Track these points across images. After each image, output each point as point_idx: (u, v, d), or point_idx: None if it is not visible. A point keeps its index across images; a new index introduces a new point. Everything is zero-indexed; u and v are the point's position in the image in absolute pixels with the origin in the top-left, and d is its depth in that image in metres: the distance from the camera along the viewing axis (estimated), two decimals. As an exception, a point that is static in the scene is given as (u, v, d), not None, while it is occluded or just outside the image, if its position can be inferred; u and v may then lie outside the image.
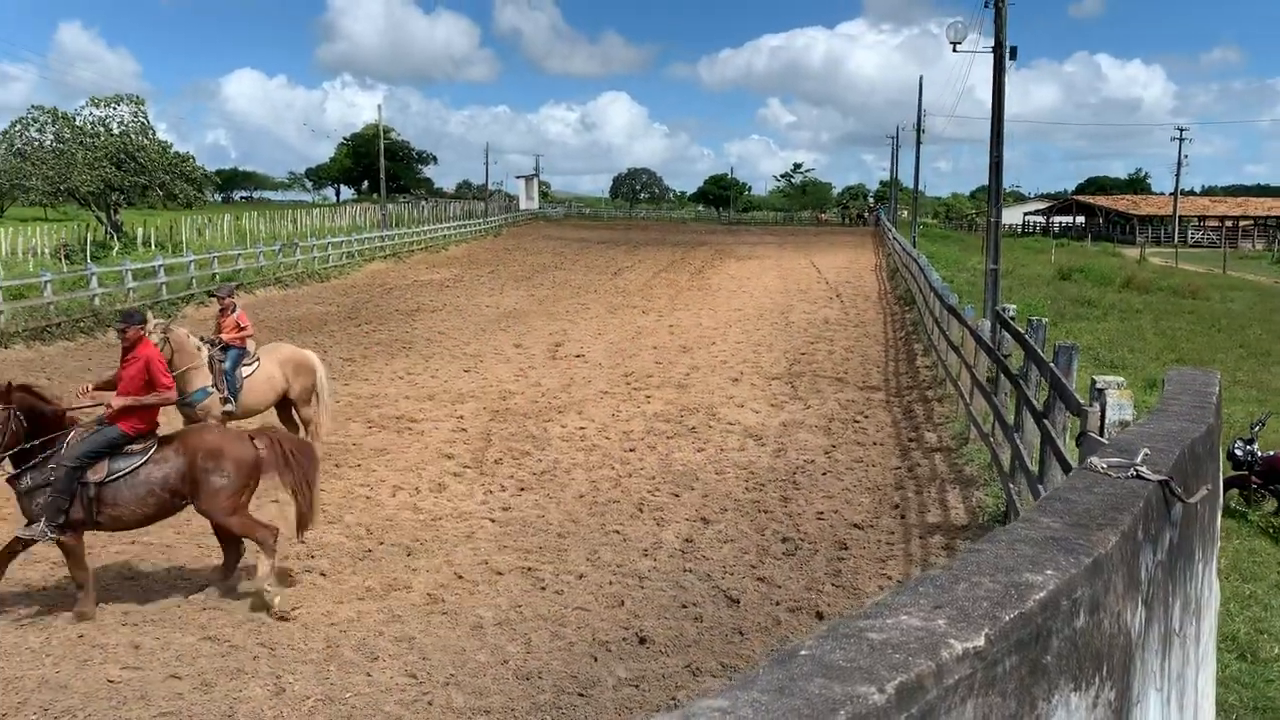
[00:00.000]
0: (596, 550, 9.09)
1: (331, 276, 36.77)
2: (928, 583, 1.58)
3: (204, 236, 49.46)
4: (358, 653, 7.07)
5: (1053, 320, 22.46)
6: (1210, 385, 3.55)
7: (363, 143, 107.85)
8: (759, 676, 1.29)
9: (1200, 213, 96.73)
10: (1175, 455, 2.46)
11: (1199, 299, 34.50)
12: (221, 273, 30.91)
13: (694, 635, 7.34)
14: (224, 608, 7.87)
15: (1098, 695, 1.78)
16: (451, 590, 8.19)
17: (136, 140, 47.96)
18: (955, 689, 1.34)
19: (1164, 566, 2.29)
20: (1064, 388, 7.52)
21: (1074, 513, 1.97)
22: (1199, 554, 2.88)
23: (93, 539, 9.37)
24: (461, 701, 6.42)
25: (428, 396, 15.82)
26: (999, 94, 20.17)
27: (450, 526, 9.77)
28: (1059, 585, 1.61)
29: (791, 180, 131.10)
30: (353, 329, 23.88)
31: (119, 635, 7.38)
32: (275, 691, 6.53)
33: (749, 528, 9.72)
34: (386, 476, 11.41)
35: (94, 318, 23.29)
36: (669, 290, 33.06)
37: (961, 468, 11.59)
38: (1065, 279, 39.13)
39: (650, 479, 11.37)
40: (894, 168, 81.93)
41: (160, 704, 6.39)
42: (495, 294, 31.71)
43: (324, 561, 8.82)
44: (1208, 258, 63.99)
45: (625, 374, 17.72)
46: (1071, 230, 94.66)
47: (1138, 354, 20.12)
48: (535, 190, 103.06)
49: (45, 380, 16.99)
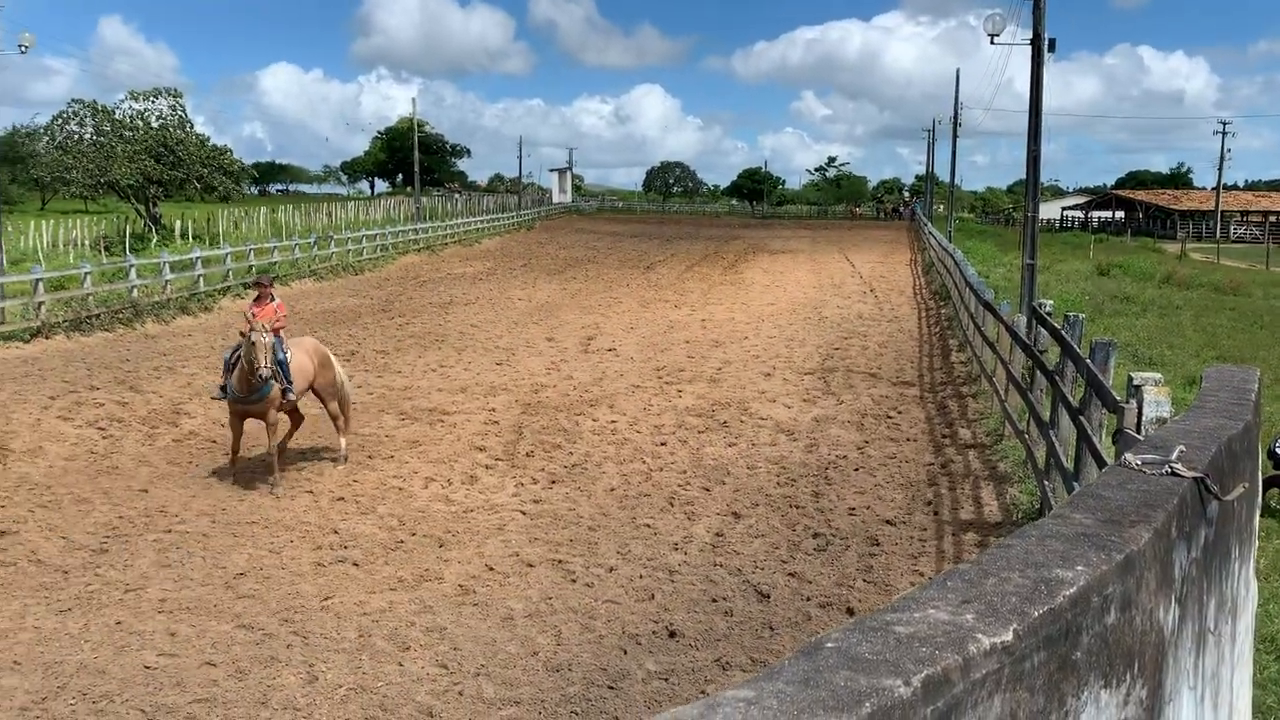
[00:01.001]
0: (627, 544, 9.11)
1: (365, 269, 37.05)
2: (956, 577, 1.57)
3: (240, 229, 49.96)
4: (389, 642, 7.13)
5: (1090, 316, 22.19)
6: (1249, 382, 3.50)
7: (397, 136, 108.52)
8: (784, 668, 1.29)
9: (1243, 208, 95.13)
10: (1211, 452, 2.42)
11: (1240, 295, 33.93)
12: (257, 265, 31.26)
13: (724, 630, 7.34)
14: (258, 596, 7.97)
15: (1129, 693, 1.76)
16: (482, 582, 8.24)
17: (175, 133, 48.53)
18: (982, 684, 1.33)
19: (1199, 564, 2.26)
20: (1100, 384, 7.43)
21: (1106, 509, 1.94)
22: (1235, 553, 2.84)
23: (130, 527, 9.53)
24: (492, 692, 6.46)
25: (460, 389, 15.91)
26: (1037, 87, 19.93)
27: (482, 518, 9.83)
28: (1089, 581, 1.59)
29: (825, 174, 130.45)
30: (386, 322, 24.04)
31: (155, 622, 7.49)
32: (308, 680, 6.61)
33: (780, 523, 9.70)
34: (419, 468, 11.49)
35: (132, 309, 23.60)
36: (701, 284, 33.00)
37: (996, 464, 11.49)
38: (1104, 275, 38.61)
39: (681, 473, 11.37)
40: (930, 161, 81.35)
41: (195, 690, 6.49)
42: (528, 287, 31.80)
43: (356, 552, 8.90)
44: (1250, 254, 62.94)
45: (657, 368, 17.73)
46: (1111, 225, 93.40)
47: (1177, 350, 19.82)
48: (568, 183, 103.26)
49: (85, 371, 17.25)
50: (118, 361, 18.31)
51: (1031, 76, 19.97)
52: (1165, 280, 37.04)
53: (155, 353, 19.45)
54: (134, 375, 16.94)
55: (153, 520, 9.75)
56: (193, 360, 18.51)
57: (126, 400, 14.97)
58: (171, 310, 24.75)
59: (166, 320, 23.94)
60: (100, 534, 9.35)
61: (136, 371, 17.29)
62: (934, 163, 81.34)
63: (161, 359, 18.68)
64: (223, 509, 10.10)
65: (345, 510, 10.08)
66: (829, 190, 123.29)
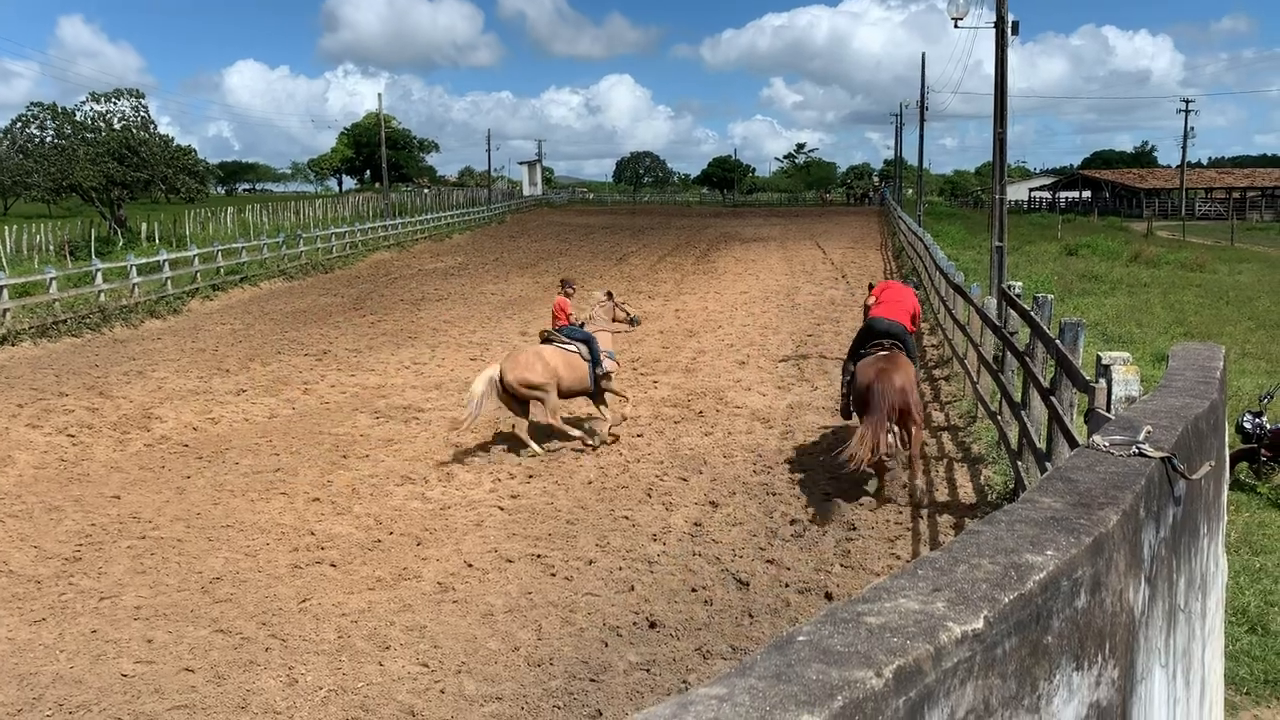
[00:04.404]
0: (606, 536, 9.11)
1: (335, 267, 36.81)
2: (927, 565, 1.58)
3: (207, 230, 49.48)
4: (369, 642, 7.11)
5: (1059, 296, 22.38)
6: (1214, 360, 3.53)
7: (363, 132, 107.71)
8: (757, 662, 1.29)
9: (1207, 185, 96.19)
10: (1178, 432, 2.44)
11: (1206, 272, 34.31)
12: (226, 265, 30.97)
13: (704, 618, 7.36)
14: (236, 600, 7.92)
15: (1100, 674, 1.78)
16: (462, 579, 8.22)
17: (138, 135, 48.00)
18: (954, 672, 1.33)
19: (1168, 543, 2.28)
20: (1070, 365, 7.49)
21: (1075, 492, 1.96)
22: (1204, 529, 2.87)
23: (103, 534, 9.43)
24: (473, 689, 6.45)
25: (434, 386, 15.85)
26: (1001, 69, 20.05)
27: (459, 515, 9.80)
28: (1059, 565, 1.60)
29: (795, 161, 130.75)
30: (358, 319, 23.91)
31: (132, 630, 7.42)
32: (288, 683, 6.57)
33: (757, 510, 9.73)
34: (395, 467, 11.44)
35: (99, 313, 23.34)
36: (674, 274, 33.01)
37: (969, 446, 11.58)
38: (1072, 255, 38.95)
39: (658, 464, 11.38)
40: (898, 146, 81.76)
41: (174, 697, 6.44)
42: (500, 281, 31.70)
43: (334, 552, 8.85)
44: (1215, 230, 63.62)
45: (632, 359, 17.72)
46: (1078, 205, 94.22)
47: (1146, 328, 20.03)
48: (538, 176, 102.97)
49: (54, 378, 17.05)
50: (86, 367, 18.11)
51: (996, 59, 20.10)
52: (1132, 259, 37.41)
53: (124, 357, 19.25)
54: (103, 380, 16.76)
55: (126, 527, 9.67)
56: (163, 364, 18.34)
57: (96, 406, 14.82)
58: (139, 314, 24.50)
59: (135, 324, 23.70)
60: (73, 542, 9.25)
61: (106, 377, 17.11)
62: (902, 147, 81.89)
63: (131, 363, 18.49)
64: (197, 513, 10.02)
65: (321, 511, 10.02)
66: (799, 177, 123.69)
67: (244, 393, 15.69)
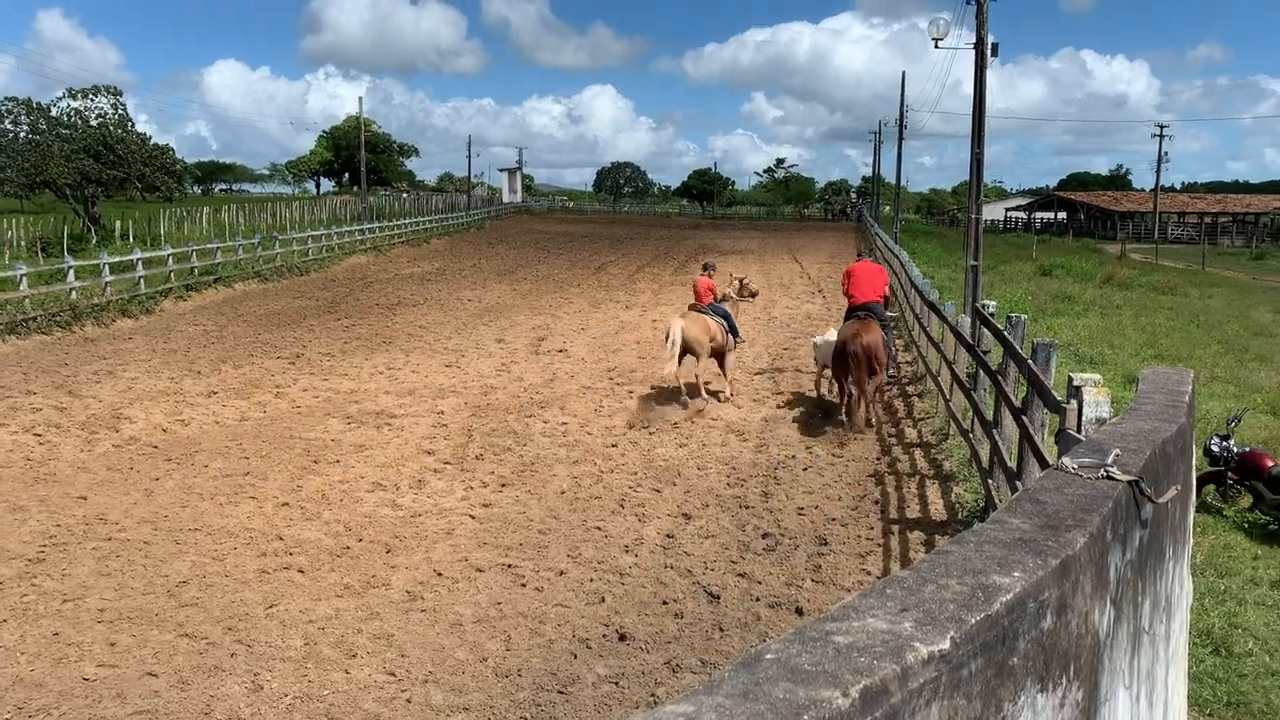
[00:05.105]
0: (578, 547, 9.09)
1: (311, 270, 36.60)
2: (895, 584, 1.58)
3: (183, 230, 49.07)
4: (336, 650, 7.05)
5: (1033, 316, 22.57)
6: (1183, 384, 3.57)
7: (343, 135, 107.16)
8: (724, 680, 1.29)
9: (1180, 209, 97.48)
10: (1146, 455, 2.47)
11: (1178, 295, 34.73)
12: (200, 266, 30.73)
13: (674, 632, 7.35)
14: (201, 604, 7.84)
15: (1065, 695, 1.79)
16: (431, 587, 8.17)
17: (115, 132, 47.58)
18: (920, 692, 1.34)
19: (1133, 566, 2.30)
20: (1042, 385, 7.55)
21: (1043, 514, 1.97)
22: (1170, 552, 2.90)
23: (69, 536, 9.32)
24: (440, 699, 6.41)
25: (408, 392, 15.77)
26: (980, 91, 20.24)
27: (430, 523, 9.75)
28: (1026, 587, 1.62)
29: (774, 175, 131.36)
30: (332, 323, 23.77)
31: (95, 633, 7.33)
32: (253, 689, 6.51)
33: (730, 523, 9.74)
34: (366, 473, 11.37)
35: (70, 311, 23.09)
36: (653, 284, 33.05)
37: (941, 463, 11.64)
38: (1046, 275, 39.33)
39: (632, 474, 11.37)
40: (876, 163, 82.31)
41: (136, 702, 6.36)
42: (477, 288, 31.62)
43: (302, 559, 8.78)
44: (1187, 254, 64.45)
45: (608, 369, 17.72)
46: (1053, 226, 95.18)
47: (1118, 350, 20.23)
48: (519, 183, 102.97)
49: (22, 376, 16.85)
50: (55, 365, 17.91)
51: (975, 80, 20.30)
52: (1106, 281, 37.81)
53: (95, 356, 19.05)
54: (72, 379, 16.58)
55: (92, 528, 9.55)
56: (134, 364, 18.16)
57: (65, 405, 14.65)
58: (111, 313, 24.26)
59: (106, 323, 23.46)
60: (37, 543, 9.12)
61: (75, 376, 16.92)
62: (880, 164, 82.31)
63: (101, 362, 18.29)
64: (165, 516, 9.92)
65: (290, 516, 9.94)
66: (778, 191, 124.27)
67: (215, 395, 15.56)
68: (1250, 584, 8.29)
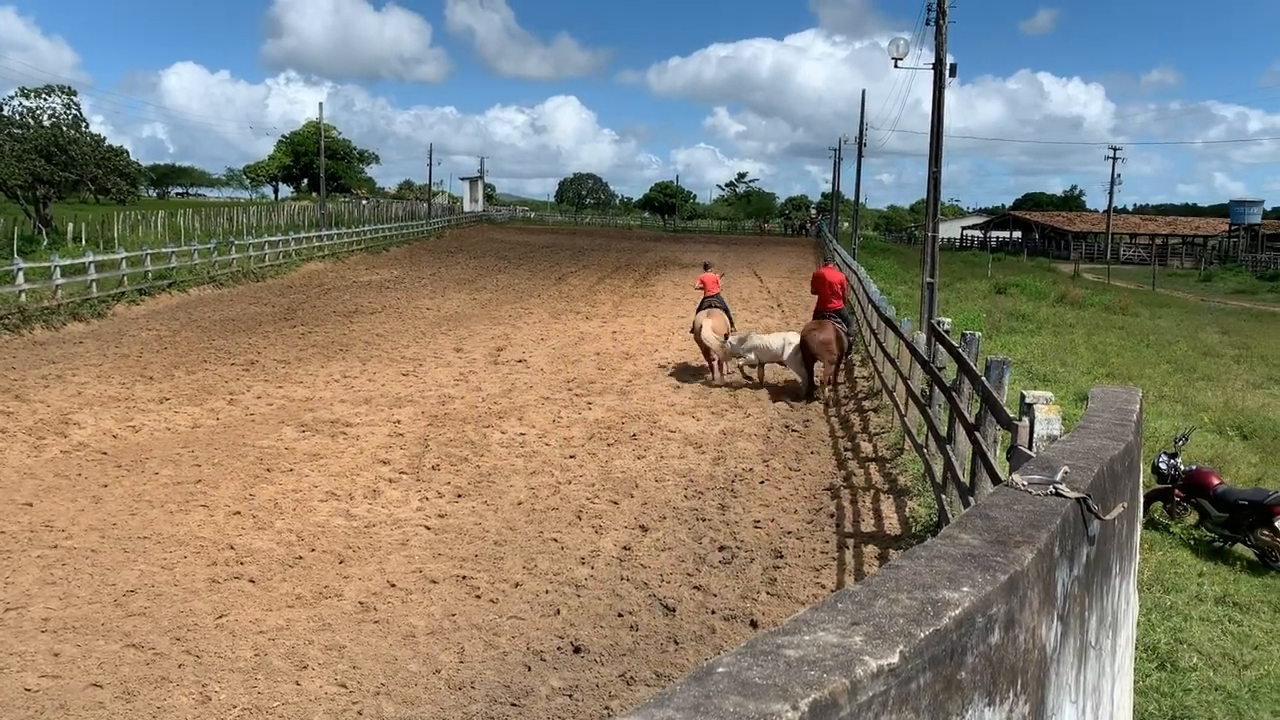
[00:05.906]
0: (534, 558, 9.05)
1: (268, 276, 36.21)
2: (846, 599, 1.60)
3: (137, 233, 48.34)
4: (286, 661, 6.96)
5: (987, 334, 22.88)
6: (1131, 403, 3.64)
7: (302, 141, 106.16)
8: (675, 694, 1.30)
9: (1132, 230, 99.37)
10: (1094, 472, 2.51)
11: (1129, 315, 35.38)
12: (154, 270, 30.29)
13: (629, 644, 7.34)
14: (149, 614, 7.70)
15: (1012, 710, 1.82)
16: (384, 599, 8.10)
17: (67, 133, 46.77)
18: (869, 705, 1.35)
19: (1080, 582, 2.34)
20: (995, 402, 7.65)
21: (993, 530, 2.00)
22: (1116, 568, 2.95)
23: (13, 543, 9.12)
24: (392, 711, 6.35)
25: (364, 400, 15.64)
26: (938, 110, 20.52)
27: (384, 533, 9.66)
28: (975, 602, 1.64)
29: (736, 189, 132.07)
30: (288, 330, 23.52)
31: (38, 643, 7.18)
32: (201, 700, 6.41)
33: (687, 536, 9.75)
34: (319, 482, 11.25)
35: (19, 314, 22.64)
36: (613, 296, 33.07)
37: (896, 478, 11.74)
38: (1001, 293, 39.88)
39: (590, 486, 11.35)
40: (835, 180, 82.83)
41: (80, 713, 6.23)
42: (436, 297, 31.45)
43: (253, 568, 8.66)
44: (1138, 274, 65.68)
45: (567, 380, 17.69)
46: (1008, 245, 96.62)
47: (1070, 368, 20.55)
48: (480, 192, 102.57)
49: (-33, 378, 16.49)
50: (2, 369, 17.55)
51: (933, 100, 20.58)
52: (1059, 300, 38.42)
53: (43, 360, 18.70)
54: (20, 384, 16.25)
55: (37, 535, 9.36)
56: (84, 368, 17.84)
57: (11, 410, 14.36)
58: (62, 316, 23.83)
59: (56, 326, 23.04)
60: (-21, 550, 8.92)
61: (23, 380, 16.60)
62: (840, 181, 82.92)
63: (50, 367, 17.96)
64: (113, 524, 9.74)
65: (242, 525, 9.81)
66: (739, 206, 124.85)
67: (167, 401, 15.33)
68: (1195, 600, 8.44)
